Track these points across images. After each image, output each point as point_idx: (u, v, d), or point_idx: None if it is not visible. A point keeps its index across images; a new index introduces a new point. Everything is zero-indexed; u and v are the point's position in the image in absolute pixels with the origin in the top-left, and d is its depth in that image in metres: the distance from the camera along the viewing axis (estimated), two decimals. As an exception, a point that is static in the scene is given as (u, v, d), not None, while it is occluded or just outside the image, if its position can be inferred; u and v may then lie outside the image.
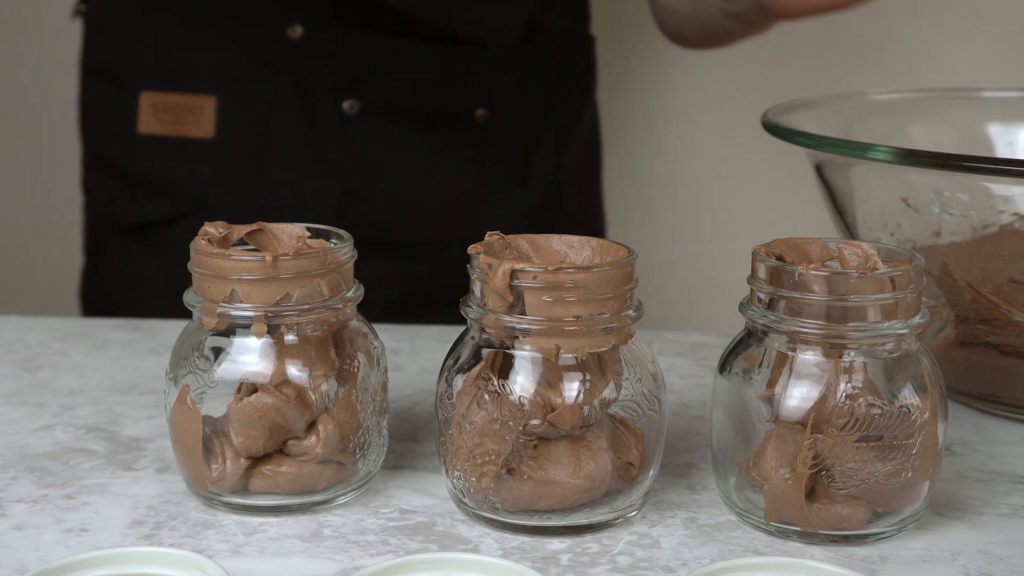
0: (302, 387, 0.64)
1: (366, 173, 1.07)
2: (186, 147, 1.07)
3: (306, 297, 0.64)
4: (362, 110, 1.05)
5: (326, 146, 1.06)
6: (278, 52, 1.05)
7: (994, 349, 0.77)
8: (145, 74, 1.07)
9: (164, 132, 1.07)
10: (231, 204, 1.06)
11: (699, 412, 0.79)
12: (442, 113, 1.08)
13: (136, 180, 1.09)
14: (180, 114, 1.06)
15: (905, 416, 0.61)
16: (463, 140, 1.09)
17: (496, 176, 1.11)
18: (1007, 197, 0.75)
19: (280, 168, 1.07)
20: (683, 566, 0.60)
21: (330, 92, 1.05)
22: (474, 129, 1.09)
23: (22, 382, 0.83)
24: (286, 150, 1.06)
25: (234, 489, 0.64)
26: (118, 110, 1.08)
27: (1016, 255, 0.75)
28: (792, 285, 0.61)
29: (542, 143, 1.13)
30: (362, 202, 1.07)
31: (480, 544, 0.62)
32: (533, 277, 0.60)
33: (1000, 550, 0.62)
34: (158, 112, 1.06)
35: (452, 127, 1.08)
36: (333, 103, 1.05)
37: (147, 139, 1.07)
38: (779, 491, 0.62)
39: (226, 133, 1.06)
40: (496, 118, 1.09)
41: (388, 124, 1.06)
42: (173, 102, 1.06)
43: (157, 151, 1.07)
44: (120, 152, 1.09)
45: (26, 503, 0.66)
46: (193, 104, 1.06)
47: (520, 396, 0.61)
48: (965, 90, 0.99)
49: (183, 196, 1.08)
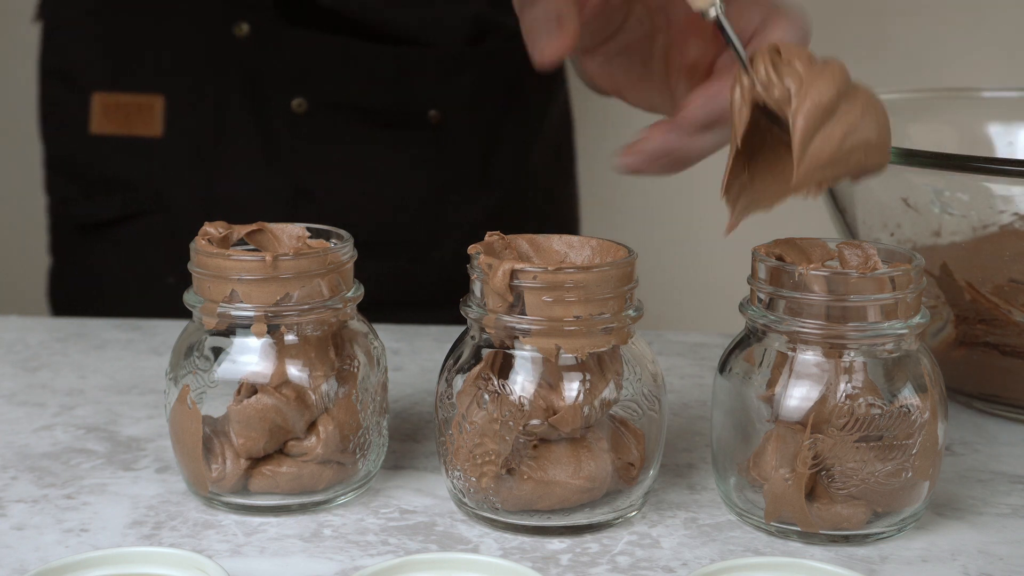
0: (302, 387, 0.64)
1: (318, 171, 1.07)
2: (137, 146, 1.07)
3: (306, 297, 0.64)
4: (311, 108, 1.05)
5: (276, 144, 1.06)
6: (225, 50, 1.05)
7: (994, 349, 0.77)
8: (97, 75, 1.08)
9: (115, 132, 1.07)
10: (184, 202, 1.07)
11: (699, 412, 0.79)
12: (395, 113, 1.07)
13: (91, 180, 1.10)
14: (130, 114, 1.07)
15: (905, 416, 0.61)
16: (418, 140, 1.08)
17: (454, 177, 1.10)
18: (1007, 197, 0.75)
19: (231, 166, 1.07)
20: (683, 566, 0.60)
21: (279, 90, 1.05)
22: (429, 130, 1.08)
23: (22, 382, 0.83)
24: (236, 148, 1.07)
25: (234, 489, 0.64)
26: (72, 111, 1.09)
27: (1016, 255, 0.75)
28: (792, 285, 0.61)
29: (502, 144, 1.12)
30: (314, 200, 1.07)
31: (480, 544, 0.62)
32: (533, 277, 0.60)
33: (1000, 550, 0.62)
34: (109, 112, 1.07)
35: (406, 127, 1.08)
36: (282, 101, 1.05)
37: (99, 139, 1.08)
38: (779, 491, 0.62)
39: (175, 132, 1.07)
40: (452, 119, 1.08)
41: (339, 123, 1.06)
42: (123, 102, 1.07)
43: (109, 151, 1.08)
44: (75, 152, 1.10)
45: (26, 503, 0.66)
46: (143, 104, 1.06)
47: (520, 396, 0.61)
48: (965, 90, 0.99)
49: (136, 194, 1.08)
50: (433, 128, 1.08)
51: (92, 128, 1.08)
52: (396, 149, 1.08)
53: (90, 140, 1.08)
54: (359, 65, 1.05)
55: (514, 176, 1.13)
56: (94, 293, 1.11)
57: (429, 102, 1.08)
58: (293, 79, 1.05)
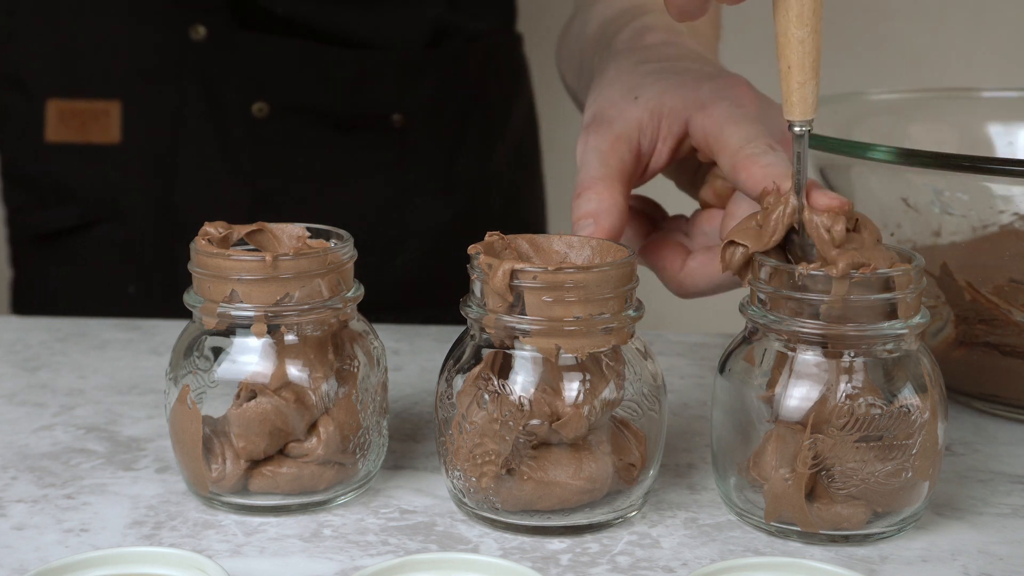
0: (302, 388, 0.64)
1: (278, 177, 1.06)
2: (93, 153, 1.05)
3: (306, 297, 0.64)
4: (271, 112, 1.04)
5: (236, 149, 1.05)
6: (182, 54, 1.03)
7: (994, 349, 0.77)
8: (51, 81, 1.06)
9: (71, 139, 1.05)
10: (141, 209, 1.05)
11: (699, 412, 0.79)
12: (356, 116, 1.06)
13: (46, 188, 1.08)
14: (86, 120, 1.05)
15: (905, 416, 0.61)
16: (381, 144, 1.07)
17: (417, 181, 1.09)
18: (1007, 197, 0.75)
19: (190, 172, 1.05)
20: (683, 566, 0.60)
21: (237, 94, 1.04)
22: (391, 133, 1.07)
23: (22, 382, 0.83)
24: (195, 154, 1.05)
25: (234, 489, 0.64)
26: (26, 119, 1.07)
27: (1016, 255, 0.75)
28: (792, 285, 0.61)
29: (466, 147, 1.11)
30: (274, 206, 1.05)
31: (480, 544, 0.62)
32: (533, 277, 0.60)
33: (1000, 550, 0.62)
34: (65, 119, 1.05)
35: (368, 131, 1.07)
36: (241, 105, 1.04)
37: (55, 147, 1.06)
38: (779, 491, 0.62)
39: (132, 138, 1.05)
40: (415, 122, 1.07)
41: (300, 127, 1.05)
42: (79, 108, 1.05)
43: (65, 158, 1.06)
44: (30, 161, 1.08)
45: (26, 503, 0.66)
46: (99, 110, 1.05)
47: (520, 396, 0.61)
48: (965, 90, 0.99)
49: (93, 203, 1.07)
50: (396, 131, 1.07)
51: (47, 136, 1.06)
52: (358, 153, 1.07)
53: (45, 148, 1.06)
54: (319, 68, 1.04)
55: (478, 178, 1.12)
56: (55, 304, 1.10)
57: (391, 105, 1.06)
58: (252, 83, 1.04)
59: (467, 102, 1.11)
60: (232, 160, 1.05)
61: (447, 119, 1.10)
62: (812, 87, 0.60)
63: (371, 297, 1.09)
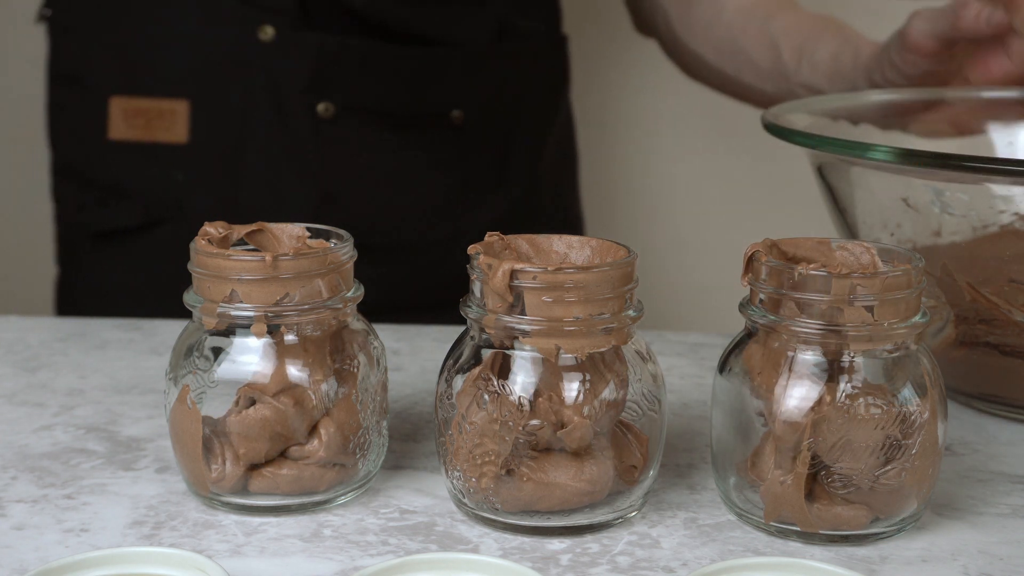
0: (301, 391, 0.64)
1: (343, 176, 1.07)
2: (159, 152, 1.06)
3: (306, 297, 0.64)
4: (337, 113, 1.05)
5: (302, 149, 1.05)
6: (250, 54, 1.04)
7: (994, 349, 0.77)
8: (114, 79, 1.06)
9: (136, 138, 1.06)
10: (207, 209, 1.05)
11: (699, 412, 0.79)
12: (418, 114, 1.07)
13: (107, 187, 1.08)
14: (152, 119, 1.05)
15: (905, 416, 0.61)
16: (439, 141, 1.08)
17: (473, 177, 1.10)
18: (1007, 197, 0.75)
19: (256, 172, 1.06)
20: (683, 566, 0.60)
21: (304, 94, 1.04)
22: (450, 130, 1.08)
23: (22, 382, 0.83)
24: (261, 153, 1.05)
25: (234, 490, 0.64)
26: (87, 116, 1.07)
27: (1016, 255, 0.75)
28: (792, 285, 0.61)
29: (517, 143, 1.12)
30: (339, 205, 1.06)
31: (480, 544, 0.62)
32: (533, 277, 0.60)
33: (1000, 550, 0.62)
34: (129, 117, 1.05)
35: (428, 128, 1.08)
36: (307, 106, 1.05)
37: (118, 145, 1.06)
38: (778, 491, 0.62)
39: (199, 137, 1.05)
40: (471, 119, 1.08)
41: (364, 126, 1.06)
42: (144, 107, 1.05)
43: (129, 157, 1.07)
44: (90, 159, 1.08)
45: (26, 503, 0.66)
46: (165, 109, 1.05)
47: (520, 396, 0.61)
48: (965, 90, 0.99)
49: (157, 202, 1.07)
50: (454, 129, 1.08)
51: (110, 134, 1.06)
52: (418, 150, 1.08)
53: (107, 146, 1.06)
54: (384, 67, 1.05)
55: (528, 175, 1.14)
56: (107, 303, 1.10)
57: (451, 103, 1.07)
58: (319, 83, 1.04)
59: (520, 100, 1.12)
60: (297, 160, 1.05)
61: (501, 116, 1.11)
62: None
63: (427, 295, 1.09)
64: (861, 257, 0.64)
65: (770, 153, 1.19)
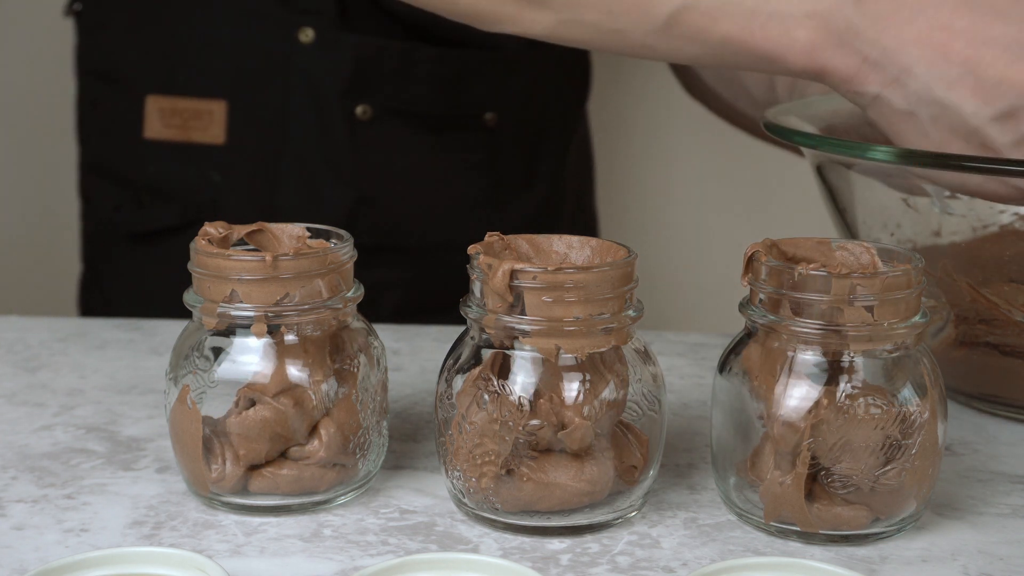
0: (300, 391, 0.64)
1: (379, 178, 1.07)
2: (195, 153, 1.05)
3: (306, 297, 0.64)
4: (374, 115, 1.05)
5: (338, 151, 1.05)
6: (289, 56, 1.04)
7: (994, 349, 0.77)
8: (150, 78, 1.06)
9: (172, 137, 1.05)
10: (242, 210, 1.05)
11: (699, 412, 0.79)
12: (453, 117, 1.07)
13: (142, 186, 1.08)
14: (188, 119, 1.05)
15: (905, 416, 0.61)
16: (473, 144, 1.09)
17: (503, 179, 1.11)
18: (1007, 197, 0.75)
19: (292, 174, 1.06)
20: (683, 566, 0.60)
21: (342, 97, 1.04)
22: (483, 133, 1.08)
23: (22, 382, 0.83)
24: (298, 155, 1.05)
25: (234, 490, 0.64)
26: (121, 114, 1.07)
27: (1016, 255, 0.75)
28: (792, 285, 0.61)
29: (545, 146, 1.13)
30: (374, 208, 1.06)
31: (480, 544, 0.62)
32: (533, 277, 0.60)
33: (1000, 550, 0.62)
34: (165, 117, 1.05)
35: (462, 131, 1.08)
36: (345, 108, 1.04)
37: (154, 144, 1.06)
38: (778, 491, 0.62)
39: (237, 138, 1.05)
40: (504, 121, 1.09)
41: (400, 128, 1.06)
42: (181, 107, 1.05)
43: (164, 157, 1.06)
44: (124, 157, 1.08)
45: (26, 503, 0.66)
46: (202, 109, 1.05)
47: (520, 396, 0.61)
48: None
49: (193, 203, 1.07)
50: (487, 131, 1.08)
51: (146, 133, 1.06)
52: (452, 152, 1.08)
53: (143, 145, 1.06)
54: (421, 69, 1.05)
55: (553, 177, 1.14)
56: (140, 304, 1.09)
57: (485, 105, 1.08)
58: (357, 85, 1.04)
59: (549, 104, 1.13)
60: (334, 162, 1.05)
61: (532, 119, 1.11)
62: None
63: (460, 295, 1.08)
64: (861, 257, 0.64)
65: (770, 153, 1.19)
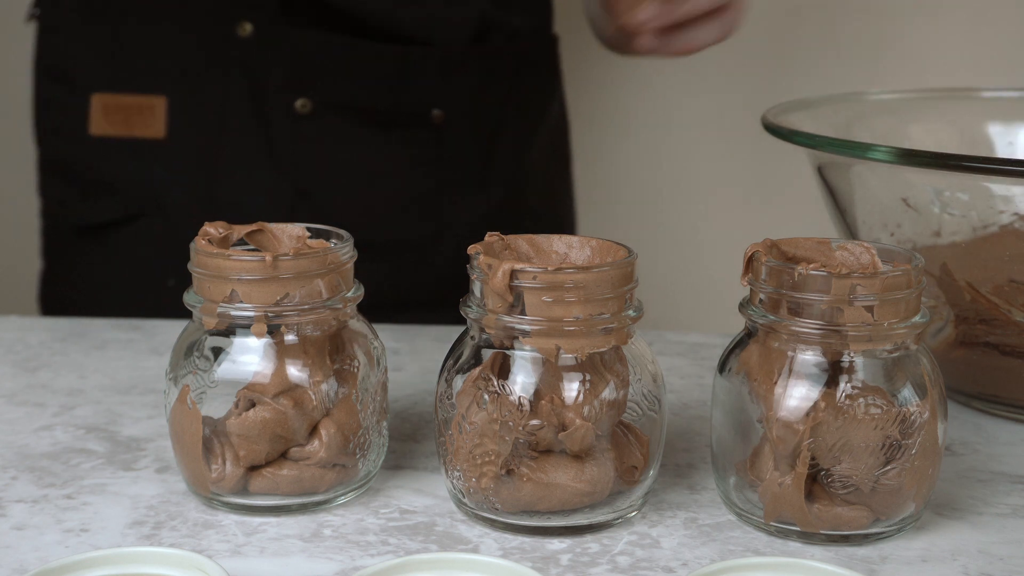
0: (300, 392, 0.64)
1: (319, 172, 1.07)
2: (138, 148, 1.07)
3: (306, 297, 0.64)
4: (314, 109, 1.05)
5: (278, 145, 1.06)
6: (228, 50, 1.04)
7: (994, 349, 0.77)
8: (96, 76, 1.07)
9: (115, 133, 1.07)
10: (184, 204, 1.06)
11: (699, 412, 0.79)
12: (397, 113, 1.07)
13: (89, 182, 1.09)
14: (131, 115, 1.06)
15: (905, 416, 0.61)
16: (420, 140, 1.08)
17: (454, 177, 1.10)
18: (1007, 197, 0.75)
19: (232, 167, 1.06)
20: (683, 566, 0.60)
21: (282, 91, 1.05)
22: (431, 129, 1.08)
23: (22, 382, 0.83)
24: (238, 149, 1.06)
25: (234, 490, 0.64)
26: (70, 112, 1.08)
27: (1016, 255, 0.75)
28: (792, 285, 0.61)
29: (502, 143, 1.12)
30: (314, 201, 1.06)
31: (480, 544, 0.62)
32: (533, 277, 0.60)
33: (1000, 550, 0.62)
34: (109, 113, 1.06)
35: (408, 127, 1.08)
36: (285, 102, 1.05)
37: (99, 140, 1.07)
38: (778, 491, 0.62)
39: (177, 133, 1.06)
40: (453, 118, 1.08)
41: (342, 123, 1.06)
42: (124, 103, 1.06)
43: (109, 152, 1.07)
44: (73, 154, 1.09)
45: (26, 503, 0.66)
46: (144, 104, 1.06)
47: (520, 396, 0.61)
48: (965, 90, 0.99)
49: (135, 196, 1.08)
50: (435, 128, 1.08)
51: (91, 129, 1.07)
52: (398, 149, 1.08)
53: (89, 141, 1.07)
54: (362, 64, 1.05)
55: (513, 175, 1.14)
56: (90, 296, 1.11)
57: (432, 101, 1.07)
58: (297, 79, 1.05)
59: (504, 100, 1.12)
60: (274, 156, 1.06)
61: (485, 116, 1.11)
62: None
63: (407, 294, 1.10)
64: (861, 257, 0.64)
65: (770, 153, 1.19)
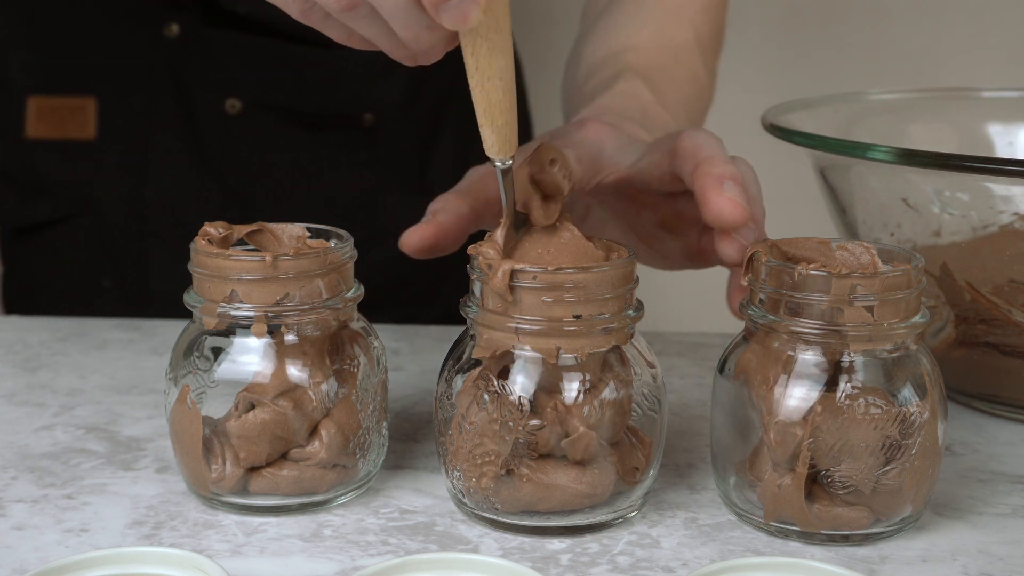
0: (300, 392, 0.64)
1: (249, 173, 1.07)
2: (70, 149, 1.07)
3: (306, 297, 0.64)
4: (244, 109, 1.05)
5: (208, 145, 1.06)
6: (156, 51, 1.05)
7: (994, 349, 0.77)
8: (30, 78, 1.07)
9: (50, 135, 1.07)
10: (114, 204, 1.07)
11: (699, 412, 0.79)
12: (328, 115, 1.07)
13: (26, 183, 1.10)
14: (63, 116, 1.07)
15: (905, 416, 0.61)
16: (353, 142, 1.08)
17: (390, 179, 1.09)
18: (1007, 197, 0.75)
19: (161, 167, 1.07)
20: (683, 566, 0.60)
21: (210, 91, 1.05)
22: (362, 132, 1.08)
23: (22, 382, 0.83)
24: (167, 149, 1.06)
25: (234, 490, 0.64)
26: (8, 115, 1.09)
27: (1016, 255, 0.75)
28: (792, 285, 0.61)
29: (440, 147, 1.11)
30: (243, 201, 1.06)
31: (480, 544, 0.62)
32: (533, 277, 0.60)
33: (1000, 550, 0.62)
34: (43, 115, 1.07)
35: (339, 129, 1.07)
36: (214, 102, 1.05)
37: (34, 142, 1.08)
38: (777, 492, 0.62)
39: (107, 134, 1.06)
40: (387, 121, 1.08)
41: (272, 124, 1.06)
42: (57, 104, 1.07)
43: (44, 154, 1.08)
44: (10, 157, 1.10)
45: (26, 503, 0.66)
46: (75, 106, 1.06)
47: (520, 397, 0.61)
48: (965, 90, 0.99)
49: (67, 197, 1.08)
50: (367, 131, 1.08)
51: (28, 131, 1.08)
52: (329, 151, 1.08)
53: (25, 144, 1.08)
54: (291, 67, 1.05)
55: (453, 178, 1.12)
56: (27, 297, 1.12)
57: (363, 104, 1.07)
58: (225, 80, 1.05)
59: (441, 102, 1.11)
60: (204, 156, 1.06)
61: (420, 118, 1.10)
62: (512, 127, 0.61)
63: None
64: (861, 257, 0.64)
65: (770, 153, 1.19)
